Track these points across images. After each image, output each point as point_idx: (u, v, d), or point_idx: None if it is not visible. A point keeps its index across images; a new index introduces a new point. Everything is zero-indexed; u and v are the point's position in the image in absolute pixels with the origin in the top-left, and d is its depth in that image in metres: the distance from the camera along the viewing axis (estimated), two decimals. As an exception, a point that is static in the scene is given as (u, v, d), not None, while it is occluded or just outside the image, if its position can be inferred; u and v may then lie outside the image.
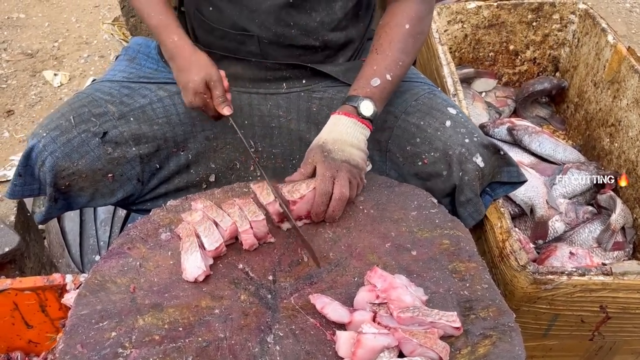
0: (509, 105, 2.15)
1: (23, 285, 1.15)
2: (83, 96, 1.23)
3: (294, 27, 1.22)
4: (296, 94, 1.31)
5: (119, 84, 1.27)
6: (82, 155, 1.17)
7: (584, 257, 1.47)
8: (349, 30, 1.29)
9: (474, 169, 1.16)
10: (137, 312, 0.92)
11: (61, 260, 1.73)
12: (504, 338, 0.88)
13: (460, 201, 1.20)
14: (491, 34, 2.11)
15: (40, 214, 1.24)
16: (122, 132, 1.21)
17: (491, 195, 1.27)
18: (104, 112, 1.20)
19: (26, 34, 3.12)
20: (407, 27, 1.18)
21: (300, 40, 1.24)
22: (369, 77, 1.15)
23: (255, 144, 1.33)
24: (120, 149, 1.21)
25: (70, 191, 1.21)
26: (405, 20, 1.19)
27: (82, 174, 1.18)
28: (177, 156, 1.29)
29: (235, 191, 1.16)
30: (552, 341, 1.28)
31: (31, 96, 2.70)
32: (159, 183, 1.30)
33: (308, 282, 0.98)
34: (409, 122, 1.22)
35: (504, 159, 1.23)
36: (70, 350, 0.86)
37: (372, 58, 1.18)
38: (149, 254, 1.02)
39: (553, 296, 1.14)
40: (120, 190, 1.24)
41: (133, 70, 1.32)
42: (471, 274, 0.99)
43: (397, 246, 1.04)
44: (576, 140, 2.03)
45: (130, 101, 1.24)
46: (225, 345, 0.87)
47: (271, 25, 1.21)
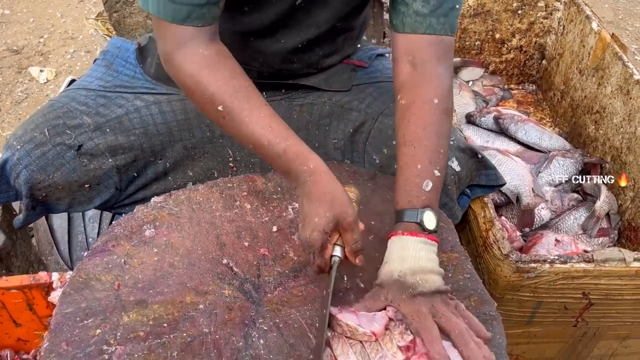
0: (495, 94, 2.15)
1: (9, 284, 1.15)
2: (58, 105, 1.20)
3: (297, 62, 1.23)
4: (276, 102, 1.29)
5: (95, 92, 1.25)
6: (57, 168, 1.16)
7: (569, 244, 1.49)
8: (344, 50, 1.30)
9: (450, 173, 1.16)
10: (122, 309, 0.92)
11: (50, 258, 1.72)
12: (485, 326, 0.89)
13: None
14: (477, 23, 2.11)
15: (18, 219, 1.24)
16: (98, 144, 1.19)
17: (469, 196, 1.28)
18: (79, 124, 1.18)
19: (11, 30, 3.09)
20: (436, 101, 0.99)
21: (300, 71, 1.26)
22: (418, 181, 0.95)
23: (234, 153, 1.32)
24: (97, 161, 1.20)
25: (48, 200, 1.20)
26: (432, 93, 1.00)
27: (58, 185, 1.17)
28: (155, 164, 1.28)
29: (219, 186, 1.17)
30: (536, 328, 1.29)
31: (17, 93, 2.68)
32: (136, 190, 1.29)
33: (292, 276, 0.99)
34: (385, 124, 1.21)
35: (482, 162, 1.23)
36: (55, 348, 0.86)
37: (410, 154, 0.97)
38: (133, 250, 1.03)
39: (536, 284, 1.16)
40: (98, 198, 1.24)
41: (110, 78, 1.30)
42: (453, 264, 1.00)
43: (381, 238, 1.04)
44: (562, 127, 2.04)
45: (106, 111, 1.22)
46: (210, 340, 0.88)
47: (275, 64, 1.22)
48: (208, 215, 1.10)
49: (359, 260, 0.93)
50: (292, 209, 1.12)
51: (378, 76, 1.33)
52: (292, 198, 1.14)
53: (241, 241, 1.05)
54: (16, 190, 1.20)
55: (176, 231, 1.06)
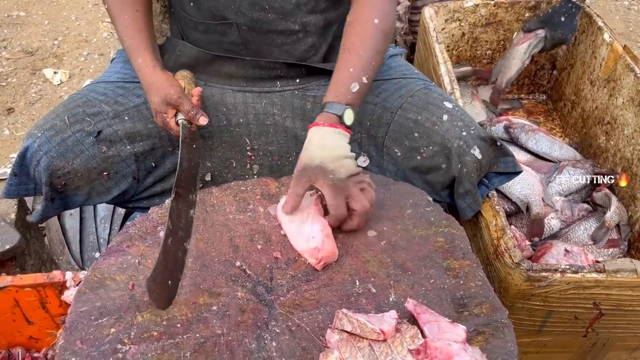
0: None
1: (23, 282, 1.16)
2: (78, 97, 1.24)
3: (269, 10, 1.21)
4: (290, 92, 1.32)
5: (113, 84, 1.29)
6: (76, 155, 1.18)
7: (579, 255, 1.48)
8: (328, 13, 1.27)
9: (472, 161, 1.18)
10: (136, 309, 0.93)
11: (61, 257, 1.74)
12: (496, 334, 0.90)
13: (459, 193, 1.22)
14: (488, 32, 2.12)
15: (36, 213, 1.25)
16: (117, 130, 1.22)
17: (487, 186, 1.29)
18: (98, 112, 1.21)
19: (26, 32, 3.13)
20: (376, 21, 1.14)
21: (278, 25, 1.23)
22: (347, 81, 1.11)
23: (251, 142, 1.34)
24: (115, 148, 1.22)
25: (67, 190, 1.22)
26: (373, 14, 1.15)
27: (77, 172, 1.19)
28: (173, 155, 1.30)
29: (233, 189, 1.18)
30: (546, 337, 1.29)
31: (31, 94, 2.71)
32: (154, 181, 1.31)
33: (304, 280, 0.99)
34: (406, 118, 1.23)
35: (501, 149, 1.25)
36: (70, 346, 0.87)
37: (346, 59, 1.13)
38: (147, 251, 1.04)
39: (547, 293, 1.16)
40: (116, 188, 1.26)
41: (128, 71, 1.33)
42: (465, 272, 1.00)
43: (393, 244, 1.05)
44: (572, 138, 2.04)
45: (124, 101, 1.25)
46: (223, 342, 0.89)
47: (247, 10, 1.20)
48: (222, 217, 1.11)
49: (201, 121, 1.14)
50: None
51: (392, 73, 1.35)
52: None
53: (254, 244, 1.06)
54: (35, 183, 1.22)
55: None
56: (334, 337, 0.87)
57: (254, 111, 1.32)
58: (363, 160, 1.32)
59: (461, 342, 0.85)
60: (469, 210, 1.25)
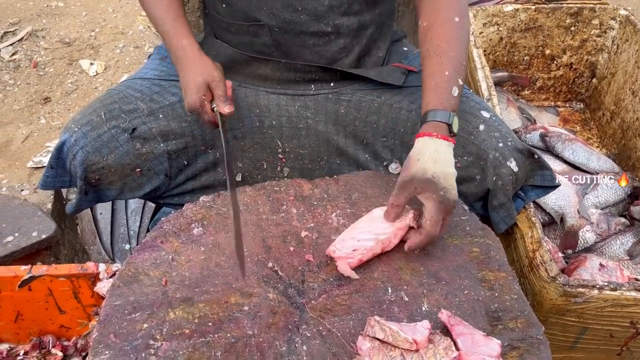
0: (542, 111, 2.12)
1: (58, 272, 1.18)
2: (114, 93, 1.26)
3: (302, 12, 1.20)
4: (324, 95, 1.31)
5: (149, 81, 1.30)
6: (111, 150, 1.20)
7: (614, 270, 1.44)
8: (362, 15, 1.24)
9: (508, 173, 1.16)
10: (169, 305, 0.94)
11: (92, 248, 1.77)
12: (531, 350, 0.88)
13: (493, 205, 1.20)
14: (527, 38, 2.08)
15: (71, 205, 1.28)
16: (151, 128, 1.23)
17: (523, 199, 1.26)
18: (133, 109, 1.23)
19: (64, 23, 3.18)
20: (457, 20, 1.11)
21: (310, 26, 1.21)
22: (447, 86, 1.05)
23: (283, 144, 1.33)
24: (149, 145, 1.23)
25: (100, 184, 1.24)
26: (452, 13, 1.12)
27: (111, 168, 1.21)
28: (205, 154, 1.30)
29: (266, 189, 1.18)
30: (579, 354, 1.26)
31: (67, 84, 2.75)
32: (186, 179, 1.32)
33: (336, 284, 0.99)
34: None
35: (538, 162, 1.22)
36: (104, 339, 0.88)
37: (437, 62, 1.08)
38: (181, 248, 1.04)
39: (583, 309, 1.13)
40: (148, 185, 1.27)
41: (164, 68, 1.34)
42: (500, 284, 0.98)
43: (427, 252, 1.04)
44: (611, 149, 1.98)
45: (160, 98, 1.26)
46: (254, 343, 0.89)
47: (279, 12, 1.20)
48: (255, 217, 1.11)
49: (227, 109, 1.15)
50: (336, 215, 1.13)
51: None
52: (337, 206, 1.14)
53: (287, 245, 1.06)
54: (70, 176, 1.24)
55: (223, 231, 1.08)
56: (366, 345, 0.86)
57: (287, 114, 1.32)
58: (395, 167, 1.30)
59: (496, 356, 0.84)
60: (502, 224, 1.23)
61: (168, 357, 0.86)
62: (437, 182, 0.97)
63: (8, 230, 1.37)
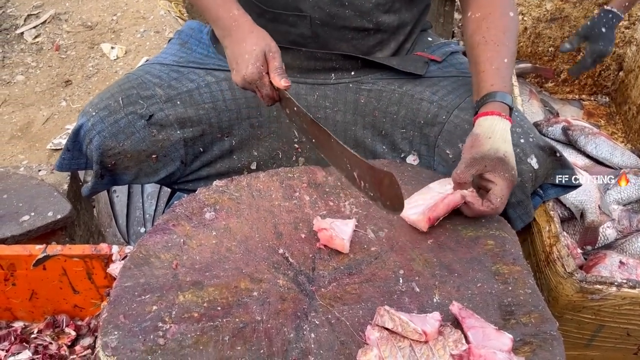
0: (566, 104, 2.07)
1: (72, 252, 1.19)
2: (133, 78, 1.25)
3: (348, 7, 1.19)
4: (344, 85, 1.29)
5: (168, 67, 1.29)
6: (128, 136, 1.20)
7: (634, 268, 1.41)
8: (402, 13, 1.25)
9: (528, 170, 1.13)
10: (178, 289, 0.94)
11: (108, 230, 1.79)
12: (544, 346, 0.86)
13: (511, 202, 1.17)
14: (553, 28, 2.03)
15: (86, 187, 1.29)
16: (168, 115, 1.23)
17: (541, 197, 1.24)
18: (151, 95, 1.22)
19: (87, 6, 3.20)
20: (511, 14, 1.16)
21: (353, 22, 1.21)
22: (506, 72, 1.10)
23: (299, 134, 1.32)
24: (165, 132, 1.23)
25: (116, 169, 1.24)
26: (508, 8, 1.17)
27: (127, 153, 1.21)
28: (221, 141, 1.30)
29: (280, 176, 1.17)
30: (594, 352, 1.23)
31: (88, 67, 2.78)
32: (201, 166, 1.32)
33: (347, 273, 0.98)
34: (462, 118, 1.19)
35: (560, 161, 1.19)
36: (114, 319, 0.88)
37: (496, 50, 1.12)
38: (192, 232, 1.04)
39: (599, 307, 1.10)
40: (164, 170, 1.27)
41: (183, 54, 1.33)
42: (515, 278, 0.96)
43: (440, 243, 1.02)
44: (636, 144, 1.93)
45: (178, 85, 1.25)
46: (262, 328, 0.88)
47: (325, 5, 1.18)
48: (267, 203, 1.10)
49: (283, 82, 1.06)
50: (349, 204, 1.11)
51: (451, 71, 1.30)
52: (351, 195, 1.13)
53: (298, 232, 1.05)
54: (87, 159, 1.25)
55: (235, 216, 1.07)
56: (374, 334, 0.85)
57: (306, 103, 1.30)
58: (413, 159, 1.28)
59: (507, 351, 0.82)
60: (519, 221, 1.20)
61: (176, 339, 0.86)
62: (508, 161, 1.00)
63: (24, 209, 1.38)
